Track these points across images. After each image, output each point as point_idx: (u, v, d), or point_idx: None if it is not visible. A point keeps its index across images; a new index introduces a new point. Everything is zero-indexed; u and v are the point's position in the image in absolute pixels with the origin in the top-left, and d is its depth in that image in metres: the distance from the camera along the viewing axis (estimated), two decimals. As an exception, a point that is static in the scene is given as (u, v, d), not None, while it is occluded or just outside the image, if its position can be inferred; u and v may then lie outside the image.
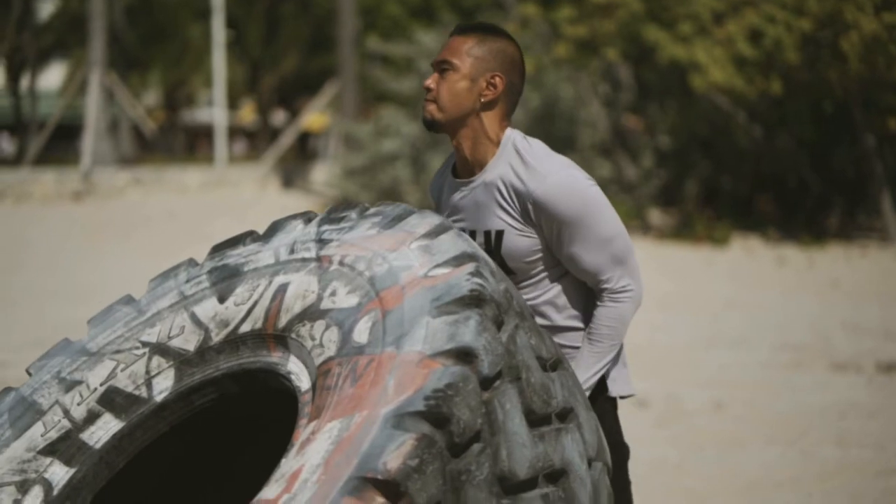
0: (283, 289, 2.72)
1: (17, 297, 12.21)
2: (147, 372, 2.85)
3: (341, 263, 2.68)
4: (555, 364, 2.69)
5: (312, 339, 2.59)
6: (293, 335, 2.64)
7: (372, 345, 2.47)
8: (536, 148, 2.98)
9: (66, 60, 44.29)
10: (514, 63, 3.00)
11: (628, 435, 6.60)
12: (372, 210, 2.81)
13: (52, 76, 46.66)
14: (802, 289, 12.49)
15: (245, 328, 2.74)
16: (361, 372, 2.42)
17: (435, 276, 2.53)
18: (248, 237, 2.94)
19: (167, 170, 29.91)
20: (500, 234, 2.96)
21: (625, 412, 7.13)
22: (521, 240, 2.95)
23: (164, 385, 2.82)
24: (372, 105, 28.81)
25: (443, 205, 3.12)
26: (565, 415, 2.63)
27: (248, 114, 47.97)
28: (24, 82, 42.35)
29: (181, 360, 2.81)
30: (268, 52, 39.79)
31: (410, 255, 2.61)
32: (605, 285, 2.99)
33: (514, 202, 2.93)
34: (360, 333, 2.51)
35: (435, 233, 2.65)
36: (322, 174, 25.18)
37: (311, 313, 2.63)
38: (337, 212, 2.86)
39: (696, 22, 16.66)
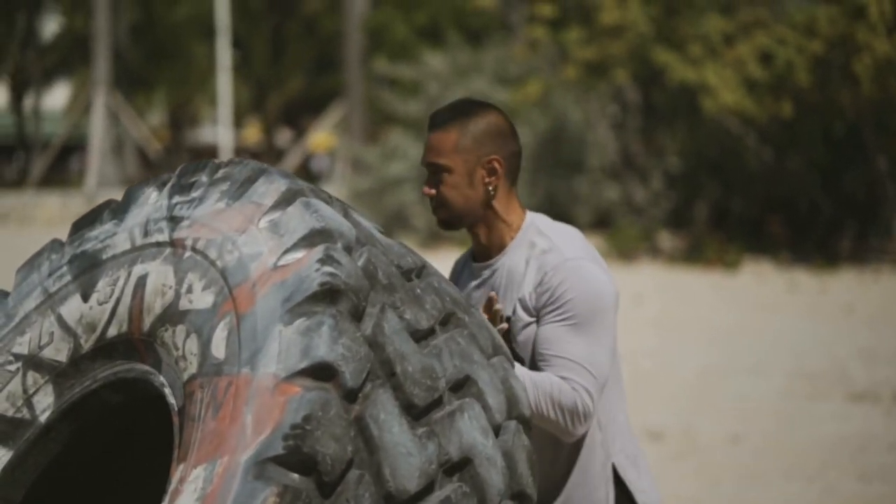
0: (142, 283, 2.46)
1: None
2: (25, 391, 2.59)
3: (194, 249, 2.42)
4: (445, 320, 2.40)
5: (176, 348, 2.35)
6: (158, 342, 2.39)
7: (229, 362, 2.24)
8: (565, 229, 2.81)
9: (70, 80, 44.28)
10: (503, 134, 2.78)
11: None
12: (221, 173, 2.51)
13: (57, 96, 46.63)
14: (816, 314, 12.33)
15: (112, 332, 2.49)
16: (221, 399, 2.20)
17: (285, 267, 2.27)
18: (106, 210, 2.64)
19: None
20: (507, 319, 2.74)
21: (640, 445, 7.00)
22: (525, 330, 2.73)
23: (45, 403, 2.57)
24: (379, 127, 28.73)
25: (461, 283, 2.91)
26: (459, 386, 2.35)
27: (252, 134, 47.94)
28: (28, 102, 42.34)
29: (56, 374, 2.56)
30: (273, 72, 39.80)
31: (259, 238, 2.34)
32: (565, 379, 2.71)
33: (526, 279, 2.73)
34: (218, 346, 2.27)
35: (283, 203, 2.37)
36: (328, 196, 25.08)
37: (171, 315, 2.38)
38: (187, 175, 2.55)
39: (706, 44, 16.57)
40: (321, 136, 35.58)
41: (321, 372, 2.14)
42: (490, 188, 2.76)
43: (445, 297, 2.44)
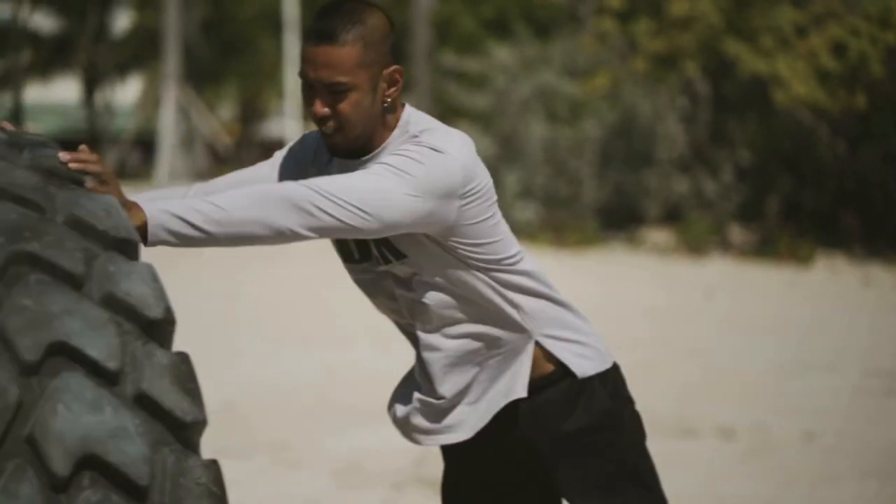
0: None
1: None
2: None
3: None
4: (3, 272, 1.80)
5: None
6: None
7: None
8: (447, 128, 2.59)
9: (142, 75, 44.69)
10: (391, 35, 2.56)
11: (713, 469, 6.36)
12: None
13: (130, 91, 47.07)
14: (891, 310, 12.10)
15: None
16: None
17: None
18: None
19: (241, 184, 29.95)
20: None
21: (708, 444, 6.87)
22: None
23: None
24: (446, 120, 28.68)
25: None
26: (43, 361, 1.79)
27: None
28: (101, 96, 42.81)
29: None
30: (341, 66, 39.87)
31: None
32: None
33: None
34: None
35: None
36: (395, 189, 25.05)
37: None
38: None
39: (778, 35, 16.34)
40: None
41: None
42: (387, 100, 2.52)
43: None
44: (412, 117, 2.57)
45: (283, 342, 10.24)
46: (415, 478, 6.10)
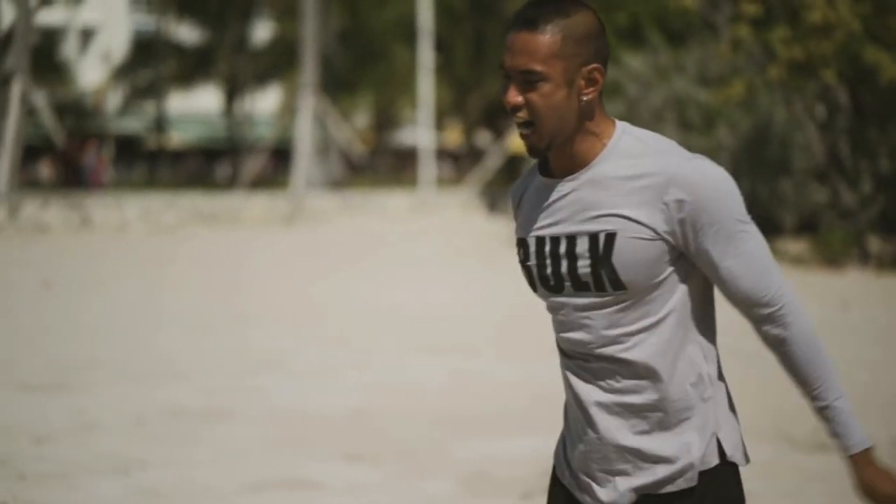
0: None
1: (223, 323, 12.39)
2: None
3: None
4: None
5: None
6: None
7: None
8: (658, 137, 2.46)
9: (281, 84, 45.40)
10: (600, 37, 2.45)
11: (849, 485, 6.23)
12: None
13: (269, 100, 47.85)
14: None
15: None
16: None
17: None
18: None
19: (374, 193, 30.28)
20: (610, 237, 2.38)
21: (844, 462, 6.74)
22: (639, 243, 2.38)
23: None
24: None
25: (527, 210, 2.53)
26: None
27: (453, 135, 48.33)
28: (240, 105, 43.64)
29: None
30: (474, 73, 40.06)
31: None
32: (767, 309, 2.41)
33: (639, 195, 2.39)
34: None
35: None
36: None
37: None
38: None
39: (920, 41, 15.97)
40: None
41: None
42: (586, 99, 2.42)
43: None
44: (627, 129, 2.49)
45: (412, 350, 10.34)
46: (543, 488, 6.10)
